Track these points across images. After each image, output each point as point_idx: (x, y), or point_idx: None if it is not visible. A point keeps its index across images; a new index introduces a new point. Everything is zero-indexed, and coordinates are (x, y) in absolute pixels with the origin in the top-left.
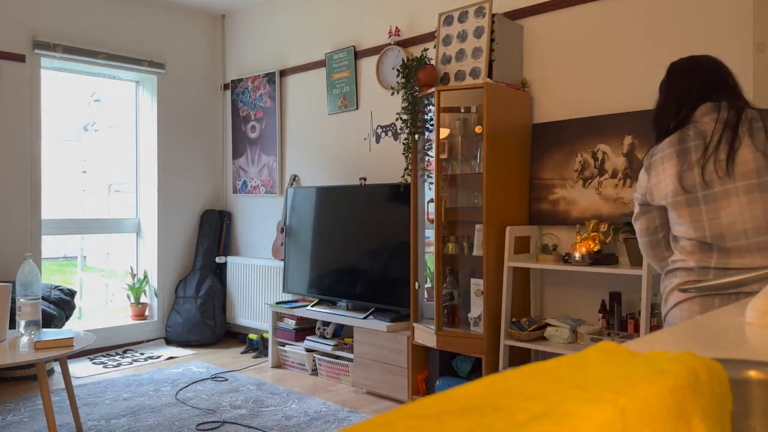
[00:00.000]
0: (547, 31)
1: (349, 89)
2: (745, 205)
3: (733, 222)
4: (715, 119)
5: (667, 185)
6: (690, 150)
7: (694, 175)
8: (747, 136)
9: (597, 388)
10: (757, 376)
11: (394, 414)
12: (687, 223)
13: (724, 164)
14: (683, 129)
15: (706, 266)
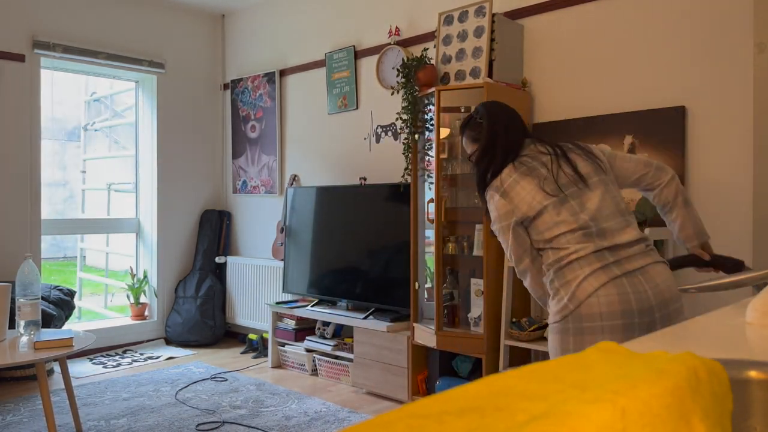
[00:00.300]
0: (547, 31)
1: (349, 89)
2: (600, 195)
3: (600, 208)
4: (545, 150)
5: (534, 197)
6: (536, 168)
7: (552, 183)
8: (576, 156)
9: (597, 389)
10: (757, 376)
11: (394, 414)
12: (567, 216)
13: (572, 174)
14: (517, 161)
15: (600, 248)
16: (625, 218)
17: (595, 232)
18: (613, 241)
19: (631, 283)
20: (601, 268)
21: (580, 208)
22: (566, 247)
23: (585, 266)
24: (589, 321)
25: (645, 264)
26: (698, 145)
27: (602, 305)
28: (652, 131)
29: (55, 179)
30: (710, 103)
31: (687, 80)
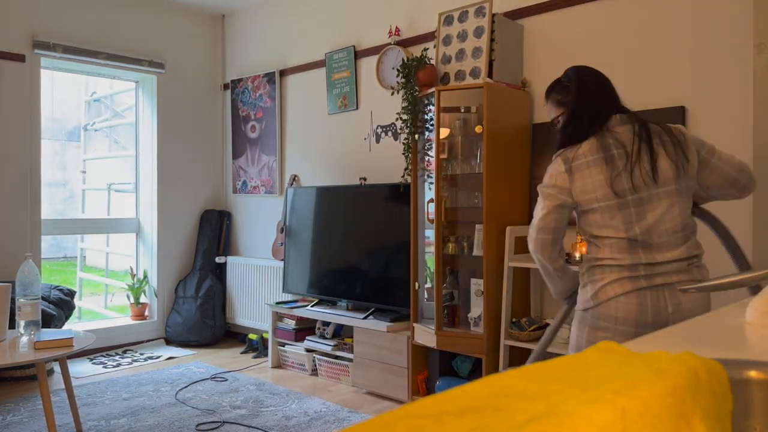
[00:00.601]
0: (547, 31)
1: (349, 89)
2: (666, 208)
3: (658, 222)
4: (632, 131)
5: (596, 190)
6: (615, 157)
7: (623, 181)
8: (661, 148)
9: (597, 389)
10: (757, 376)
11: (394, 414)
12: (618, 224)
13: (649, 172)
14: (601, 136)
15: (636, 263)
16: (684, 234)
17: (641, 245)
18: (654, 258)
19: (654, 297)
20: (629, 278)
21: (637, 219)
22: (607, 250)
23: (615, 272)
24: (604, 320)
25: (677, 281)
26: None
27: (619, 310)
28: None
29: (55, 179)
30: (710, 103)
31: (687, 80)
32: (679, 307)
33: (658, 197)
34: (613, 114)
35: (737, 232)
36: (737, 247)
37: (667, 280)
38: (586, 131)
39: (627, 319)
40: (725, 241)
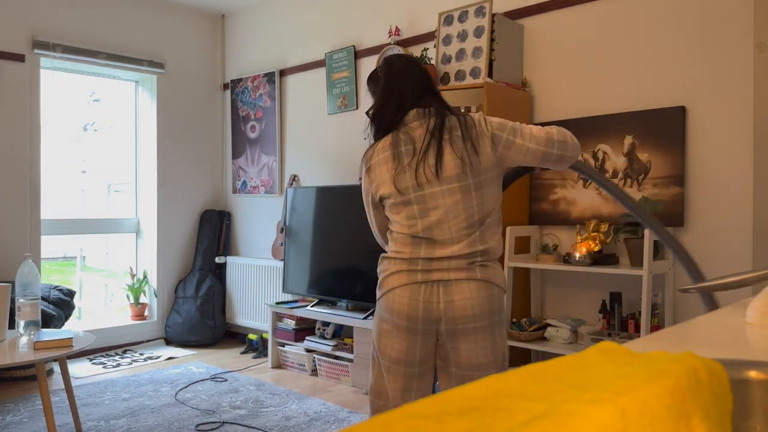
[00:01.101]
0: (547, 31)
1: (349, 89)
2: (450, 205)
3: (441, 220)
4: (425, 126)
5: (384, 186)
6: (402, 155)
7: (406, 178)
8: (448, 144)
9: (597, 389)
10: (757, 376)
11: (394, 414)
12: (402, 219)
13: (433, 169)
14: (396, 132)
15: (416, 257)
16: (468, 230)
17: (423, 241)
18: (434, 254)
19: (427, 293)
20: (407, 272)
21: (420, 216)
22: (394, 243)
23: (396, 265)
24: (386, 312)
25: (454, 278)
26: (698, 145)
27: (395, 303)
28: (652, 131)
29: (55, 179)
30: (710, 103)
31: (687, 80)
32: (450, 304)
33: (443, 194)
34: (409, 107)
35: (738, 232)
36: (687, 257)
37: (444, 276)
38: (388, 126)
39: (400, 312)
40: (675, 252)
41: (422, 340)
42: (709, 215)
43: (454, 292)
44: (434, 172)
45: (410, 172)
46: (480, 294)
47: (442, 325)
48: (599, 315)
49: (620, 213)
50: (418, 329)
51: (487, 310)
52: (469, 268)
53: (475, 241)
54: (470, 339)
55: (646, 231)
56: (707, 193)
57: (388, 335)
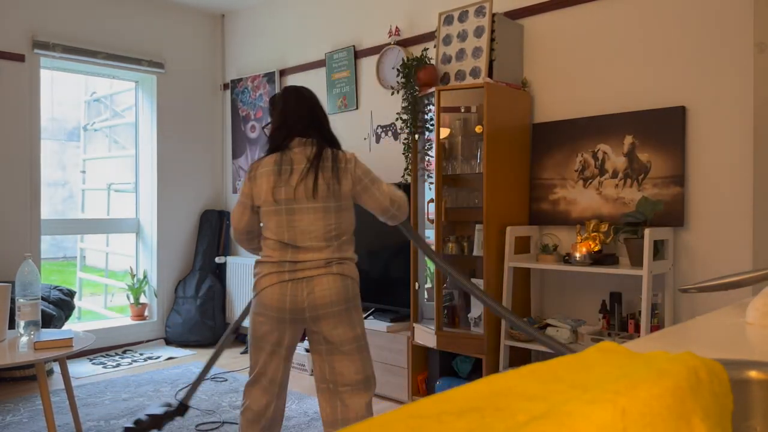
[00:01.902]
0: (547, 31)
1: (349, 89)
2: (313, 220)
3: (304, 230)
4: (304, 153)
5: (265, 195)
6: (282, 172)
7: (283, 192)
8: (321, 171)
9: (597, 389)
10: (757, 376)
11: (394, 414)
12: (273, 227)
13: (310, 190)
14: (281, 153)
15: (283, 260)
16: (326, 242)
17: (290, 247)
18: (297, 258)
19: (294, 288)
20: (277, 273)
21: (288, 226)
22: (265, 248)
23: (267, 267)
24: (260, 307)
25: (315, 275)
26: (698, 145)
27: (267, 298)
28: (652, 131)
29: (55, 179)
30: (710, 103)
31: (687, 80)
32: (312, 295)
33: (308, 210)
34: (298, 136)
35: (738, 232)
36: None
37: (307, 274)
38: (277, 147)
39: (271, 306)
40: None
41: (290, 328)
42: (709, 215)
43: (315, 284)
44: (311, 192)
45: (288, 187)
46: (336, 285)
47: (306, 313)
48: (599, 315)
49: (620, 213)
50: (287, 318)
51: (342, 298)
52: (327, 266)
53: (333, 252)
54: (330, 321)
55: (647, 231)
56: (707, 193)
57: (262, 325)
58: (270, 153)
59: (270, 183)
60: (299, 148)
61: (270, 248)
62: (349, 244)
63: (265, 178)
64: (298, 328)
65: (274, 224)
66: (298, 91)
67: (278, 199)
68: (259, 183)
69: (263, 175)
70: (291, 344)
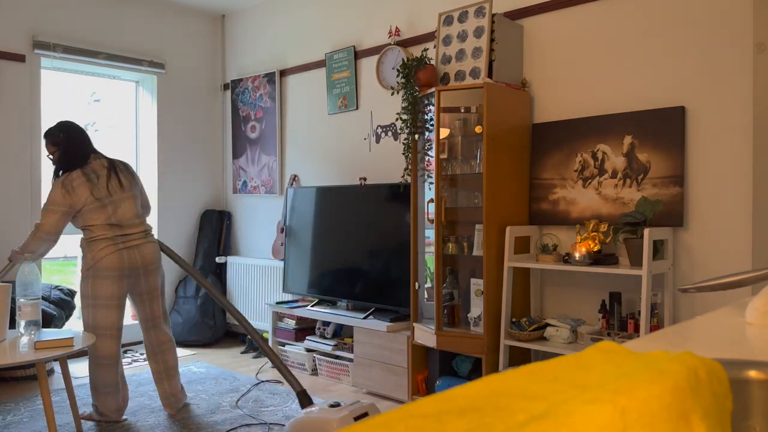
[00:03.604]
0: (547, 31)
1: (349, 89)
2: (128, 204)
3: (124, 212)
4: (100, 163)
5: (86, 198)
6: (93, 179)
7: (100, 191)
8: (119, 173)
9: (597, 388)
10: (757, 376)
11: (394, 414)
12: (102, 216)
13: (116, 185)
14: (83, 168)
15: (116, 235)
16: (139, 219)
17: (117, 226)
18: (125, 232)
19: (128, 254)
20: (113, 244)
21: (113, 211)
22: (96, 231)
23: (104, 242)
24: (102, 271)
25: (140, 243)
26: (698, 145)
27: (108, 262)
28: (652, 131)
29: None
30: (710, 103)
31: (687, 80)
32: (142, 257)
33: (124, 199)
34: (90, 155)
35: (738, 232)
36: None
37: (134, 242)
38: (75, 165)
39: (113, 267)
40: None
41: (127, 283)
42: (709, 215)
43: (143, 248)
44: (119, 186)
45: (103, 188)
46: (155, 249)
47: (140, 270)
48: (599, 315)
49: (620, 213)
50: (125, 275)
51: (157, 257)
52: (146, 237)
53: (143, 225)
54: (152, 275)
55: (646, 231)
56: (707, 193)
57: (104, 283)
58: (71, 171)
59: (88, 189)
60: (96, 162)
61: (102, 229)
62: (145, 217)
63: (83, 187)
64: (130, 283)
65: (101, 214)
66: (71, 124)
67: (99, 197)
68: (78, 192)
69: (79, 185)
70: (124, 295)
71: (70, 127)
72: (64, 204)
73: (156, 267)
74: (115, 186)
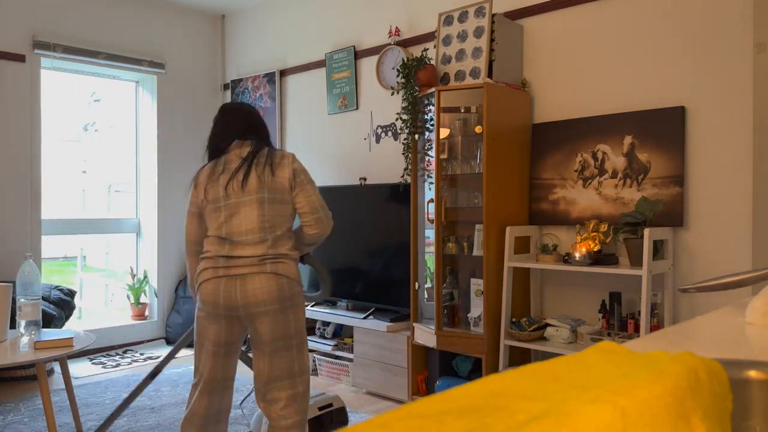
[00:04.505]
0: (547, 31)
1: (349, 89)
2: (246, 213)
3: (239, 224)
4: (239, 154)
5: (201, 198)
6: (219, 173)
7: (218, 190)
8: (254, 166)
9: (597, 388)
10: (757, 376)
11: (394, 414)
12: (213, 223)
13: (240, 183)
14: (218, 158)
15: (218, 255)
16: (262, 235)
17: (227, 242)
18: (233, 253)
19: (227, 285)
20: (212, 268)
21: (225, 220)
22: (207, 246)
23: (206, 262)
24: (200, 302)
25: (249, 273)
26: (698, 145)
27: (203, 293)
28: (652, 131)
29: (55, 179)
30: (710, 103)
31: (687, 80)
32: (245, 293)
33: (241, 204)
34: (237, 140)
35: (738, 232)
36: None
37: (240, 271)
38: (216, 153)
39: (206, 301)
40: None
41: (226, 325)
42: (709, 215)
43: (248, 282)
44: (240, 186)
45: (221, 186)
46: (269, 283)
47: (240, 311)
48: (599, 315)
49: (620, 213)
50: (221, 314)
51: (276, 297)
52: (261, 264)
53: (268, 247)
54: (264, 320)
55: (646, 231)
56: (707, 193)
57: (202, 319)
58: (210, 159)
59: (207, 185)
60: (236, 150)
61: (210, 243)
62: (286, 239)
63: (203, 181)
64: (234, 324)
65: (213, 221)
66: (235, 105)
67: (213, 198)
68: (199, 190)
69: (202, 180)
70: (228, 341)
71: (224, 109)
72: (192, 203)
73: (265, 311)
74: (235, 184)
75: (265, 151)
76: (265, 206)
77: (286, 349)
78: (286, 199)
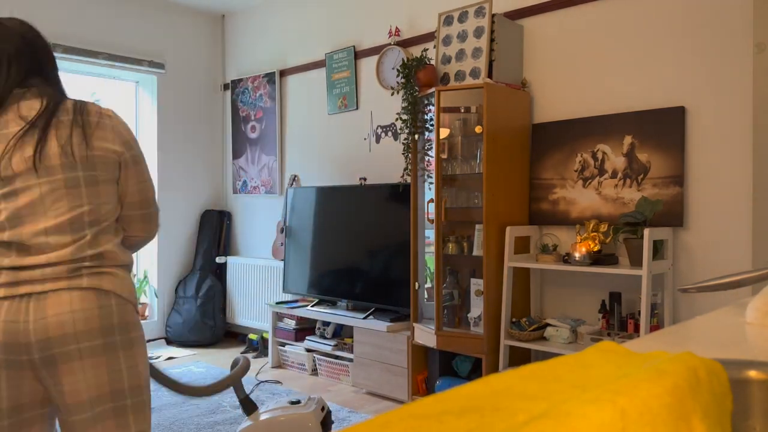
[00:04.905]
0: (547, 31)
1: (349, 89)
2: (48, 203)
3: (36, 220)
4: (19, 112)
5: None
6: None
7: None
8: (54, 129)
9: (597, 388)
10: (757, 376)
11: (394, 414)
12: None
13: (31, 159)
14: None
15: (0, 266)
16: (71, 235)
17: (14, 246)
18: (23, 262)
19: (12, 311)
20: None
21: (9, 217)
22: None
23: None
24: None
25: (50, 289)
26: (698, 145)
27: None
28: (652, 131)
29: None
30: (710, 103)
31: (687, 80)
32: (43, 322)
33: (34, 189)
34: (13, 87)
35: (737, 232)
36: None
37: (36, 288)
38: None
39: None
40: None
41: (8, 378)
42: (709, 215)
43: (49, 305)
44: (31, 163)
45: (5, 156)
46: (86, 306)
47: (35, 353)
48: (599, 315)
49: (620, 213)
50: (0, 361)
51: (97, 326)
52: (71, 276)
53: (83, 245)
54: (75, 366)
55: (646, 231)
56: (707, 193)
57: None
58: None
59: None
60: (13, 106)
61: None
62: (112, 235)
63: None
64: (24, 376)
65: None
66: (2, 24)
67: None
68: None
69: None
70: (14, 406)
71: (3, 30)
72: None
73: (77, 351)
74: (19, 161)
75: (68, 105)
76: (81, 190)
77: (114, 417)
78: (109, 178)
